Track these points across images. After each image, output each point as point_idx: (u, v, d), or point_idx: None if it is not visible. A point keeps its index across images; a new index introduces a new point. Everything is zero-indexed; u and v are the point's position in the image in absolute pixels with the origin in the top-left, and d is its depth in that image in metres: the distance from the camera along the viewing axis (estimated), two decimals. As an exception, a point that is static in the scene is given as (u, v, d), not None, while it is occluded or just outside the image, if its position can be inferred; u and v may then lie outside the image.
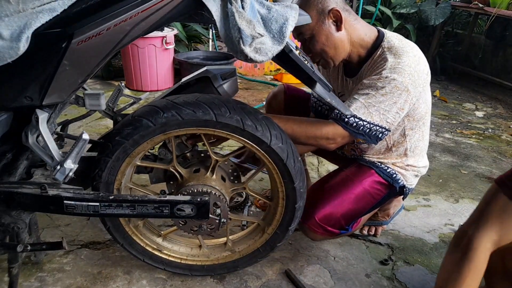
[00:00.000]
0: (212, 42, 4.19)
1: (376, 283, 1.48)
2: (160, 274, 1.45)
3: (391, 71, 1.28)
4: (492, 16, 3.77)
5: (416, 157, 1.54)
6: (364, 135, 1.31)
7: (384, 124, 1.30)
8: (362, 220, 1.65)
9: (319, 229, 1.41)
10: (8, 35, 0.83)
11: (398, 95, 1.28)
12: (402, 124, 1.44)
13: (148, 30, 0.97)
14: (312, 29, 1.33)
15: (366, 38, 1.39)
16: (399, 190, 1.54)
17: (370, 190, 1.49)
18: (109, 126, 2.65)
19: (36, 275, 1.42)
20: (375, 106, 1.28)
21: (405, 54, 1.30)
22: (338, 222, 1.44)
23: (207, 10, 0.92)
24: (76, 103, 1.23)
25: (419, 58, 1.33)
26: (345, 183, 1.48)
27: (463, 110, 3.65)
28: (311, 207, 1.40)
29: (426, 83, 1.37)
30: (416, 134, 1.48)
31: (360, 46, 1.39)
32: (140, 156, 1.24)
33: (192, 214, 1.17)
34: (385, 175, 1.51)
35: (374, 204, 1.52)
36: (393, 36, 1.39)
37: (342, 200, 1.44)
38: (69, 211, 1.11)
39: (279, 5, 1.01)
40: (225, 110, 1.11)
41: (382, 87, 1.28)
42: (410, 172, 1.55)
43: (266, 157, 1.19)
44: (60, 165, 1.02)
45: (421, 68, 1.32)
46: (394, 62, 1.29)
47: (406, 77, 1.28)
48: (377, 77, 1.30)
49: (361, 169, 1.53)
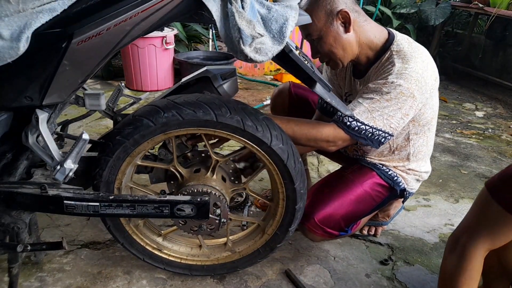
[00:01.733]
0: (212, 42, 4.19)
1: (376, 283, 1.48)
2: (160, 274, 1.45)
3: (397, 77, 1.26)
4: (492, 16, 3.77)
5: (418, 162, 1.53)
6: (366, 139, 1.30)
7: (387, 129, 1.29)
8: (361, 222, 1.65)
9: (318, 230, 1.41)
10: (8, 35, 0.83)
11: (403, 101, 1.26)
12: (407, 129, 1.42)
13: (148, 30, 0.97)
14: (320, 30, 1.31)
15: (376, 40, 1.37)
16: (399, 193, 1.54)
17: (371, 192, 1.48)
18: (109, 126, 2.65)
19: (36, 275, 1.42)
20: (379, 111, 1.27)
21: (413, 60, 1.28)
22: (337, 224, 1.43)
23: (207, 10, 0.92)
24: (76, 103, 1.23)
25: (427, 64, 1.31)
26: (346, 184, 1.47)
27: (463, 110, 3.65)
28: (311, 208, 1.40)
29: (433, 89, 1.35)
30: (420, 139, 1.47)
31: (368, 48, 1.37)
32: (141, 156, 1.24)
33: (192, 214, 1.17)
34: (386, 177, 1.50)
35: (374, 206, 1.52)
36: (403, 39, 1.37)
37: (343, 202, 1.43)
38: (69, 211, 1.11)
39: (279, 5, 1.01)
40: (226, 111, 1.11)
41: (388, 93, 1.26)
42: (412, 176, 1.54)
43: (266, 158, 1.19)
44: (60, 165, 1.02)
45: (428, 74, 1.30)
46: (401, 67, 1.27)
47: (412, 83, 1.26)
48: (383, 81, 1.28)
49: (362, 170, 1.52)
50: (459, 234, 1.06)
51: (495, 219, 0.98)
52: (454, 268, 1.04)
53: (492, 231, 0.99)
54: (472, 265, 1.01)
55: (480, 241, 1.00)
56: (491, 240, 1.00)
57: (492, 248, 1.01)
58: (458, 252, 1.04)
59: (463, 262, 1.02)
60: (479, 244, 1.00)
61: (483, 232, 1.00)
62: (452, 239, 1.08)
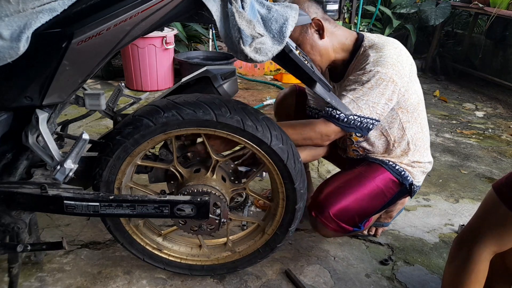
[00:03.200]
0: (212, 42, 4.19)
1: (376, 283, 1.48)
2: (160, 274, 1.45)
3: (374, 64, 1.33)
4: (492, 16, 3.77)
5: (420, 151, 1.55)
6: (356, 128, 1.35)
7: (374, 116, 1.34)
8: (372, 219, 1.65)
9: (332, 224, 1.40)
10: (8, 35, 0.83)
11: (385, 86, 1.32)
12: (397, 118, 1.46)
13: (148, 30, 0.97)
14: (296, 39, 1.39)
15: (347, 41, 1.44)
16: (408, 188, 1.55)
17: (383, 187, 1.50)
18: (109, 126, 2.65)
19: (36, 275, 1.42)
20: (363, 99, 1.32)
21: (386, 48, 1.36)
22: (352, 219, 1.44)
23: (207, 10, 0.92)
24: (76, 103, 1.23)
25: (400, 50, 1.38)
26: (359, 179, 1.49)
27: (463, 110, 3.65)
28: (325, 202, 1.41)
29: (412, 73, 1.42)
30: (413, 126, 1.50)
31: (342, 50, 1.45)
32: (141, 156, 1.24)
33: (192, 214, 1.17)
34: (395, 172, 1.52)
35: (386, 202, 1.53)
36: (372, 36, 1.45)
37: (357, 196, 1.44)
38: (69, 211, 1.11)
39: (279, 5, 1.01)
40: (226, 110, 1.11)
41: (368, 81, 1.32)
42: (417, 169, 1.56)
43: (266, 158, 1.19)
44: (60, 165, 1.02)
45: (403, 59, 1.37)
46: (376, 55, 1.35)
47: (389, 68, 1.32)
48: (361, 72, 1.35)
49: (372, 166, 1.53)
50: (465, 236, 1.05)
51: (503, 222, 0.97)
52: (459, 270, 1.03)
53: (499, 234, 0.98)
54: (478, 268, 1.01)
55: (486, 244, 0.99)
56: (498, 243, 0.99)
57: (498, 251, 1.00)
58: (464, 254, 1.03)
59: (469, 264, 1.01)
60: (486, 247, 0.99)
61: (489, 235, 0.99)
62: (457, 242, 1.08)
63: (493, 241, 0.99)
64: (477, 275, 1.01)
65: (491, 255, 1.01)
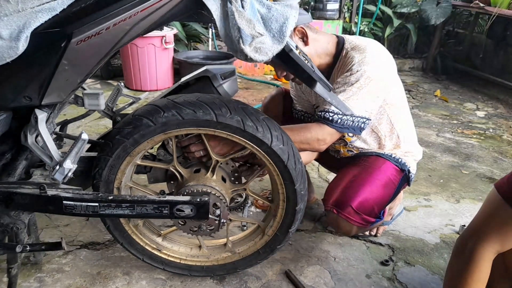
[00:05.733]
0: (211, 41, 4.18)
1: (377, 283, 1.48)
2: (160, 275, 1.45)
3: (360, 65, 1.38)
4: (493, 15, 3.76)
5: (409, 141, 1.62)
6: (349, 128, 1.38)
7: (363, 114, 1.38)
8: (387, 210, 1.68)
9: (356, 218, 1.43)
10: (7, 35, 0.82)
11: (373, 84, 1.37)
12: (384, 113, 1.52)
13: (147, 30, 0.97)
14: None
15: (330, 46, 1.49)
16: (408, 174, 1.60)
17: (390, 176, 1.54)
18: (108, 126, 2.65)
19: (35, 275, 1.42)
20: (353, 100, 1.36)
21: (368, 48, 1.43)
22: (372, 210, 1.47)
23: (206, 10, 0.91)
24: (75, 103, 1.22)
25: (379, 49, 1.46)
26: (368, 171, 1.52)
27: (464, 110, 3.65)
28: (343, 197, 1.44)
29: (394, 69, 1.50)
30: (399, 118, 1.56)
31: (326, 54, 1.49)
32: (141, 155, 1.23)
33: (192, 214, 1.17)
34: (394, 161, 1.57)
35: (395, 190, 1.56)
36: (352, 37, 1.51)
37: (371, 187, 1.48)
38: (68, 211, 1.11)
39: (279, 4, 1.00)
40: (226, 111, 1.11)
41: (356, 81, 1.37)
42: (410, 157, 1.62)
43: (266, 158, 1.18)
44: (59, 165, 1.02)
45: (385, 56, 1.45)
46: (360, 56, 1.40)
47: (375, 66, 1.38)
48: (349, 73, 1.40)
49: (373, 158, 1.57)
50: (467, 236, 1.04)
51: (506, 221, 0.96)
52: (462, 270, 1.02)
53: (502, 233, 0.98)
54: (481, 268, 1.00)
55: (489, 244, 0.99)
56: (501, 242, 0.98)
57: (501, 250, 1.00)
58: (466, 255, 1.02)
59: (471, 265, 1.00)
60: (488, 246, 0.99)
61: (492, 235, 0.99)
62: (459, 242, 1.07)
63: (496, 240, 0.98)
64: (479, 275, 1.01)
65: (494, 254, 1.00)
